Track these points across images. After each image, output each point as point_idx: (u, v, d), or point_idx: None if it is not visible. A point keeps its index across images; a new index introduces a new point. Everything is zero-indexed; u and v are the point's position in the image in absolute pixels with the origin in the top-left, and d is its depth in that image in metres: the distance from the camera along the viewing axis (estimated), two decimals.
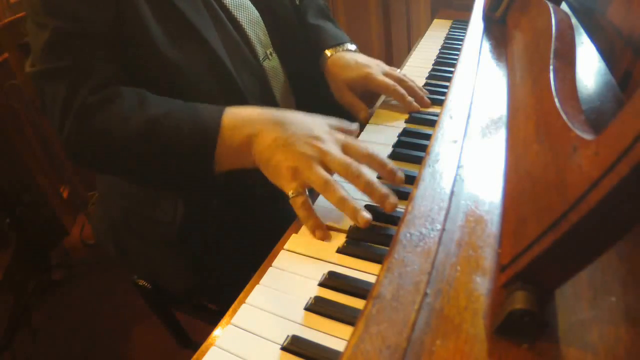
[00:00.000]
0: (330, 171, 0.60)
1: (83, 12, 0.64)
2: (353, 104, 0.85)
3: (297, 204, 0.59)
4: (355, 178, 0.59)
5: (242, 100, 0.76)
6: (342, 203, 0.58)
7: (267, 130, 0.62)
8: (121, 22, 0.66)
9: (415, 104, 0.83)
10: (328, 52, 0.89)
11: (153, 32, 0.67)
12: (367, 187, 0.58)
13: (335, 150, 0.60)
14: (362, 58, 0.87)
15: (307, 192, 0.60)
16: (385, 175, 0.62)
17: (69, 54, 0.65)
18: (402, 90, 0.83)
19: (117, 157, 0.66)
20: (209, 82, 0.73)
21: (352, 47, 0.91)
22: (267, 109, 0.65)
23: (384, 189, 0.58)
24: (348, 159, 0.60)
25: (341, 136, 0.64)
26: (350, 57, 0.87)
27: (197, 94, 0.72)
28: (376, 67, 0.85)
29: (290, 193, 0.59)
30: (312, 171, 0.58)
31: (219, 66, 0.73)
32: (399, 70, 0.90)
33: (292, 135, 0.61)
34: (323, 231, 0.58)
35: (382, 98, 0.93)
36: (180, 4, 0.69)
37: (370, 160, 0.62)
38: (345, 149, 0.62)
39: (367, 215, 0.57)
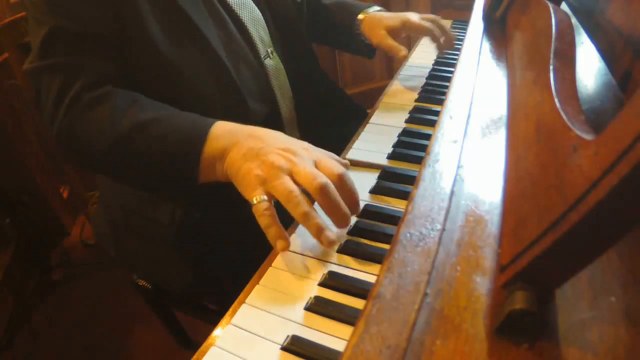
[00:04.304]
0: (299, 184, 0.56)
1: (82, 10, 0.64)
2: (392, 45, 0.92)
3: (259, 210, 0.54)
4: (318, 192, 0.54)
5: (239, 99, 0.76)
6: (305, 218, 0.53)
7: (242, 142, 0.59)
8: (120, 20, 0.66)
9: (445, 44, 0.99)
10: (361, 16, 0.99)
11: (152, 31, 0.67)
12: (330, 205, 0.54)
13: (305, 163, 0.56)
14: (396, 13, 0.99)
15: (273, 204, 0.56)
16: (347, 203, 0.57)
17: (66, 50, 0.65)
18: (438, 32, 0.97)
19: (102, 157, 0.66)
20: (207, 81, 0.73)
21: (380, 8, 1.03)
22: (252, 126, 0.63)
23: (345, 209, 0.55)
24: (316, 171, 0.55)
25: (319, 153, 0.60)
26: (386, 13, 1.00)
27: (195, 93, 0.72)
28: (412, 14, 0.97)
29: (252, 200, 0.55)
30: (278, 181, 0.55)
31: (217, 65, 0.73)
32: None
33: (266, 146, 0.58)
34: (285, 242, 0.54)
35: (382, 97, 0.93)
36: (181, 2, 0.69)
37: (340, 182, 0.56)
38: (318, 164, 0.58)
39: (331, 235, 0.53)
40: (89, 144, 0.65)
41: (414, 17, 0.96)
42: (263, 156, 0.57)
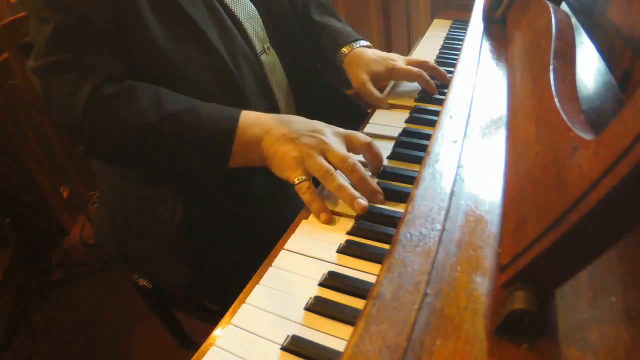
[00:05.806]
0: (331, 162, 0.64)
1: (83, 7, 0.65)
2: (374, 95, 0.88)
3: (302, 189, 0.63)
4: (350, 171, 0.63)
5: (240, 94, 0.77)
6: (340, 190, 0.62)
7: (275, 127, 0.67)
8: (120, 17, 0.67)
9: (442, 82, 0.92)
10: (345, 50, 0.93)
11: (152, 28, 0.68)
12: (360, 181, 0.63)
13: (334, 143, 0.65)
14: (382, 53, 0.92)
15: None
16: (373, 165, 0.69)
17: (73, 46, 0.65)
18: (427, 76, 0.89)
19: (130, 148, 0.68)
20: (207, 76, 0.74)
21: (366, 43, 0.95)
22: (275, 114, 0.70)
23: (374, 185, 0.63)
24: (346, 153, 0.64)
25: (342, 130, 0.69)
26: (371, 52, 0.92)
27: (196, 89, 0.72)
28: (399, 59, 0.91)
29: (295, 180, 0.63)
30: (314, 160, 0.63)
31: (217, 61, 0.74)
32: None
33: (297, 130, 0.66)
34: (328, 214, 0.62)
35: (383, 97, 0.93)
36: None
37: (368, 149, 0.67)
38: (346, 138, 0.67)
39: (363, 202, 0.61)
40: (119, 137, 0.67)
41: (400, 62, 0.89)
42: (296, 139, 0.65)
